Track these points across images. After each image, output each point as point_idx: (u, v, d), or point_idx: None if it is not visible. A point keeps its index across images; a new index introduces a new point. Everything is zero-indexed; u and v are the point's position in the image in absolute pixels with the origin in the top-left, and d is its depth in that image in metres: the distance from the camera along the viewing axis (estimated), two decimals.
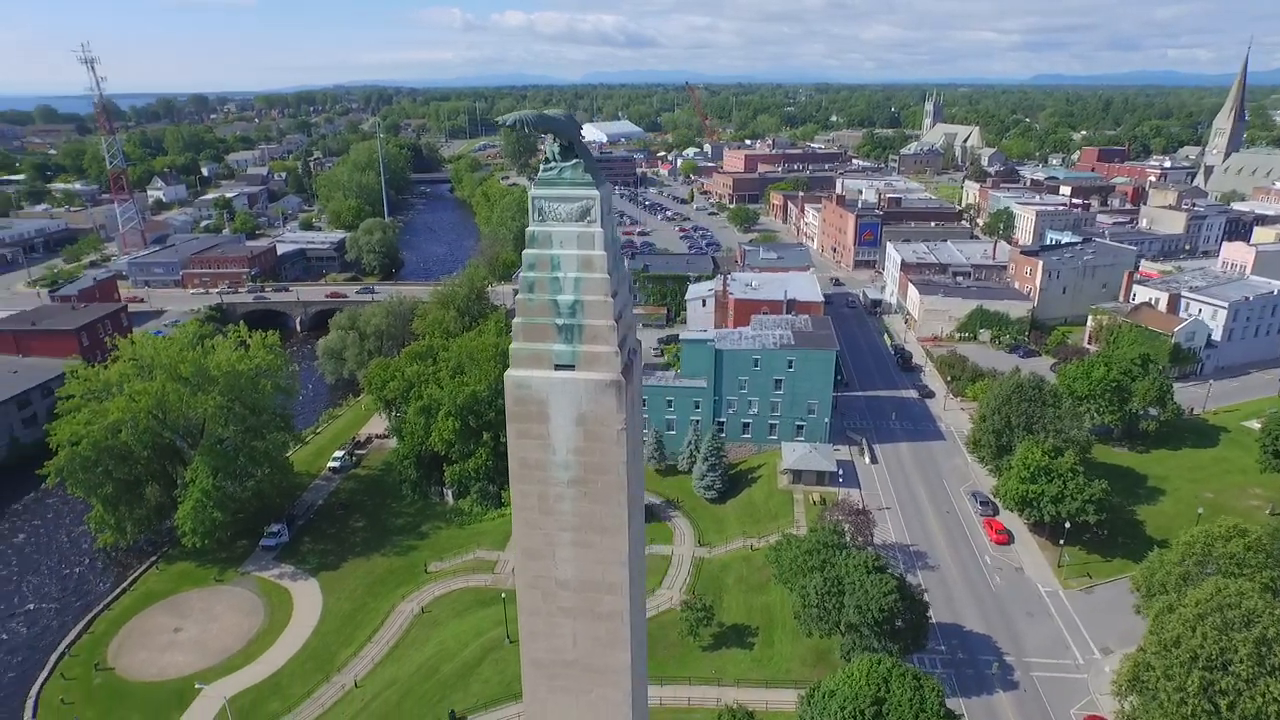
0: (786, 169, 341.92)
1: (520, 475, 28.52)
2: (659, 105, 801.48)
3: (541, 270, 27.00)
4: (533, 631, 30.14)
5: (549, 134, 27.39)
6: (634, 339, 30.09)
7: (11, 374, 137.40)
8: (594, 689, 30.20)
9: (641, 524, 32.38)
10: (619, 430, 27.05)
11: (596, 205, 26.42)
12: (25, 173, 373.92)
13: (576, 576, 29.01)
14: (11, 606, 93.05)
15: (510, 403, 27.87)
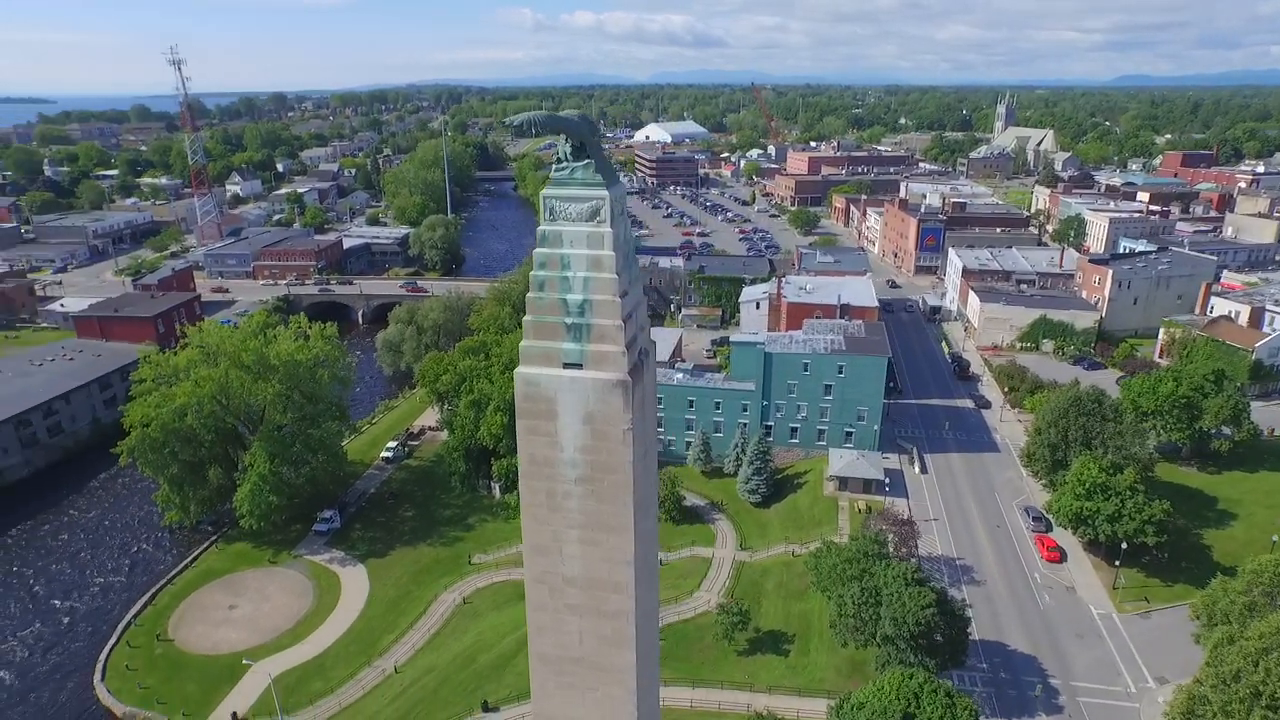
0: (850, 172, 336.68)
1: (529, 471, 28.96)
2: (725, 106, 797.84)
3: (551, 269, 27.36)
4: (540, 627, 30.57)
5: (561, 134, 27.67)
6: (646, 339, 30.21)
7: (95, 357, 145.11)
8: (600, 687, 30.45)
9: (652, 525, 32.45)
10: (625, 430, 27.22)
11: (606, 206, 26.63)
12: (119, 168, 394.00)
13: (583, 574, 29.31)
14: (87, 577, 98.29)
15: (520, 399, 28.33)
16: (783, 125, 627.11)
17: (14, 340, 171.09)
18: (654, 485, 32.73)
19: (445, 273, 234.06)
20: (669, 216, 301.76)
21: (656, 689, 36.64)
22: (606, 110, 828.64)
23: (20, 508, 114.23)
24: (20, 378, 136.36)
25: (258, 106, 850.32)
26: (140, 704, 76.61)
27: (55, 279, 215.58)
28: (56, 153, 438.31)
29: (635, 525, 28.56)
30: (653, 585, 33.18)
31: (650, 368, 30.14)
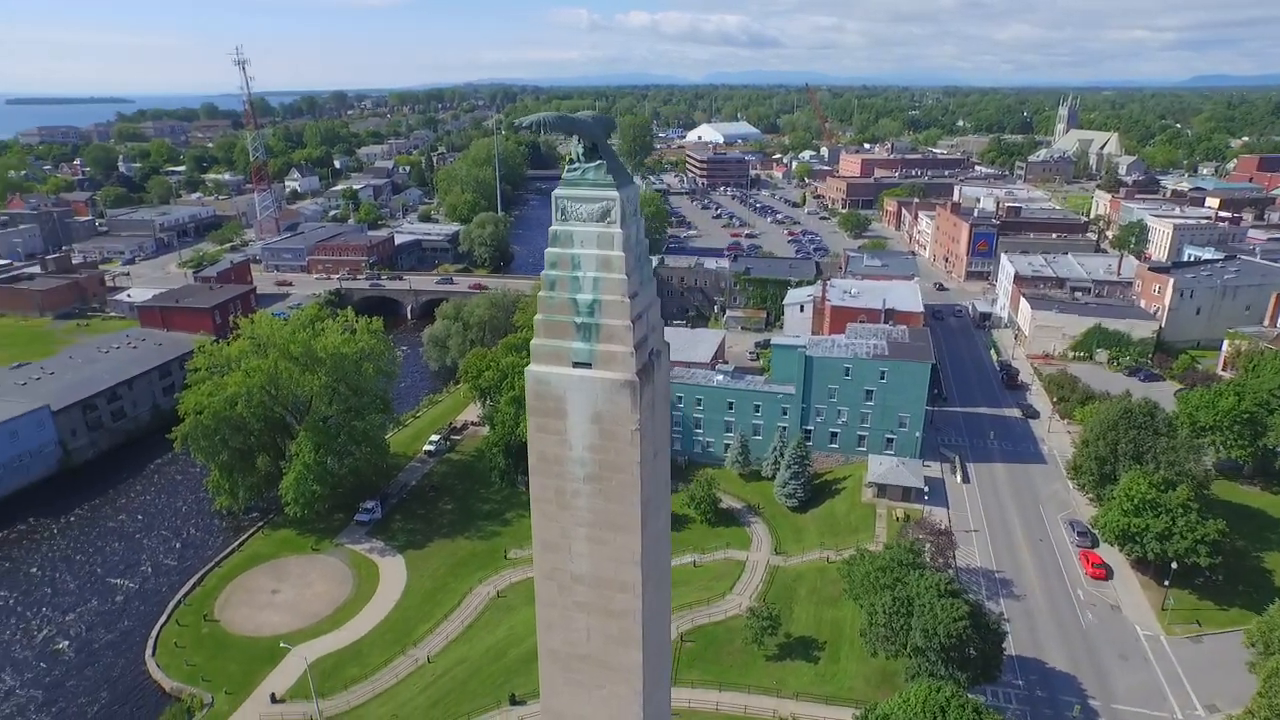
0: (904, 174, 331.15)
1: (539, 469, 29.29)
2: (778, 107, 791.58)
3: (562, 269, 27.63)
4: (549, 623, 30.89)
5: (573, 135, 27.91)
6: (658, 340, 30.29)
7: (156, 346, 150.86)
8: (607, 685, 30.63)
9: (663, 526, 32.49)
10: (633, 430, 27.35)
11: (617, 206, 26.78)
12: (186, 165, 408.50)
13: (591, 572, 29.53)
14: (141, 557, 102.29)
15: (530, 397, 28.66)
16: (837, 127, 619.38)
17: (85, 328, 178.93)
18: (665, 486, 32.80)
19: (494, 269, 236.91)
20: (718, 217, 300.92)
21: (666, 690, 36.68)
22: (660, 110, 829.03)
23: (85, 488, 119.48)
24: (88, 364, 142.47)
25: (319, 105, 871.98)
26: (187, 680, 79.46)
27: (124, 270, 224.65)
28: (130, 150, 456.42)
29: (643, 525, 28.67)
30: (663, 586, 33.27)
31: (662, 369, 30.22)
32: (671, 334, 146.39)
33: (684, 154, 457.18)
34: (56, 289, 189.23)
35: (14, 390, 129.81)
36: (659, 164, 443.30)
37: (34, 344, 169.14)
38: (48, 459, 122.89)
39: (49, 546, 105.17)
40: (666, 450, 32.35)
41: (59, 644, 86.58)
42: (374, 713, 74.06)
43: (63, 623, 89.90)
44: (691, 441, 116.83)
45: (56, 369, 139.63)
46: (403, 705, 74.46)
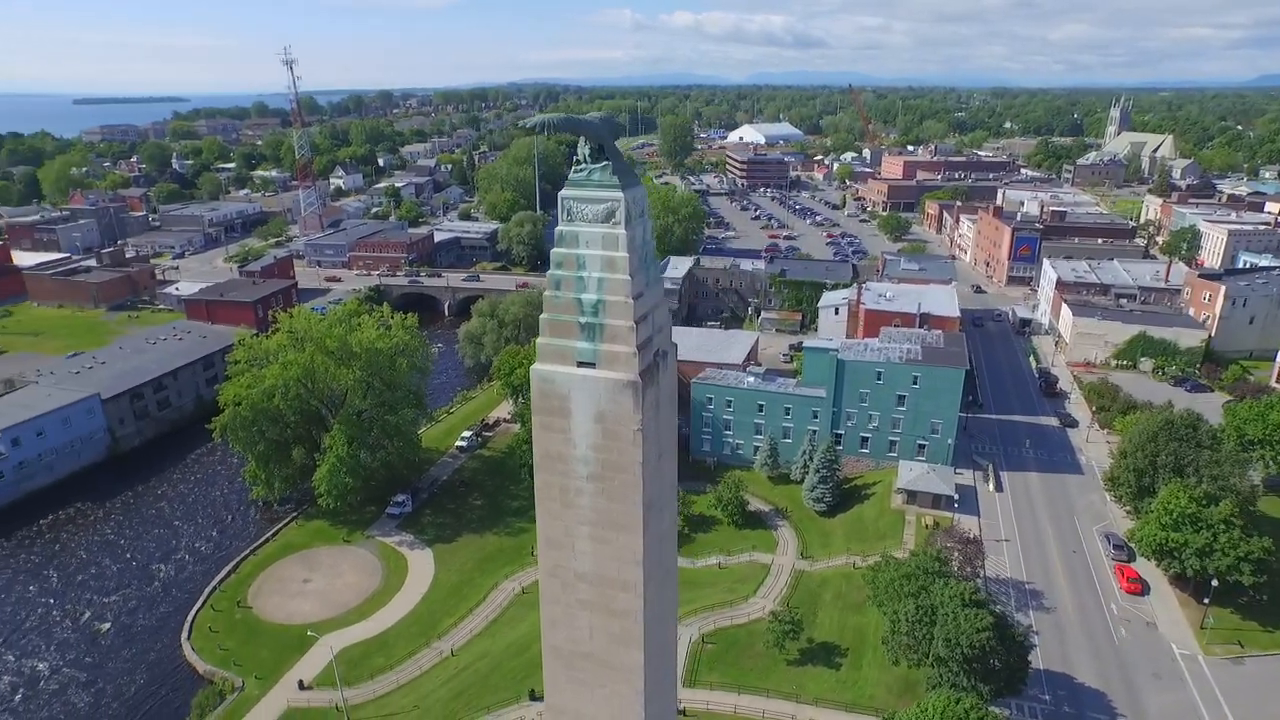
0: (947, 177, 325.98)
1: (543, 466, 29.56)
2: (821, 108, 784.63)
3: (568, 269, 27.85)
4: (552, 620, 31.16)
5: (580, 136, 28.07)
6: (664, 341, 30.34)
7: (201, 338, 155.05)
8: (608, 684, 30.79)
9: (668, 527, 32.46)
10: (635, 430, 27.45)
11: (621, 207, 26.90)
12: (236, 162, 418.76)
13: (594, 570, 29.71)
14: (180, 543, 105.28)
15: (535, 395, 28.95)
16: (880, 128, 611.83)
17: (135, 320, 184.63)
18: (670, 488, 32.83)
19: (531, 268, 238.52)
20: (756, 218, 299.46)
21: (671, 692, 36.68)
22: (702, 111, 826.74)
23: (131, 475, 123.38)
24: (136, 354, 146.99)
25: (366, 103, 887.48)
26: (219, 664, 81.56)
27: (173, 264, 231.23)
28: (184, 147, 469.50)
29: (645, 526, 28.76)
30: (667, 587, 33.29)
31: (668, 370, 30.28)
32: (704, 335, 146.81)
33: (724, 154, 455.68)
34: (110, 281, 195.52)
35: (68, 378, 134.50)
36: (699, 164, 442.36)
37: (88, 334, 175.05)
38: (97, 446, 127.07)
39: (94, 530, 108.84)
40: (672, 452, 32.36)
41: (100, 625, 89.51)
42: (397, 703, 75.25)
43: (104, 605, 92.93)
44: (721, 443, 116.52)
45: (107, 359, 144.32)
46: (425, 696, 75.52)
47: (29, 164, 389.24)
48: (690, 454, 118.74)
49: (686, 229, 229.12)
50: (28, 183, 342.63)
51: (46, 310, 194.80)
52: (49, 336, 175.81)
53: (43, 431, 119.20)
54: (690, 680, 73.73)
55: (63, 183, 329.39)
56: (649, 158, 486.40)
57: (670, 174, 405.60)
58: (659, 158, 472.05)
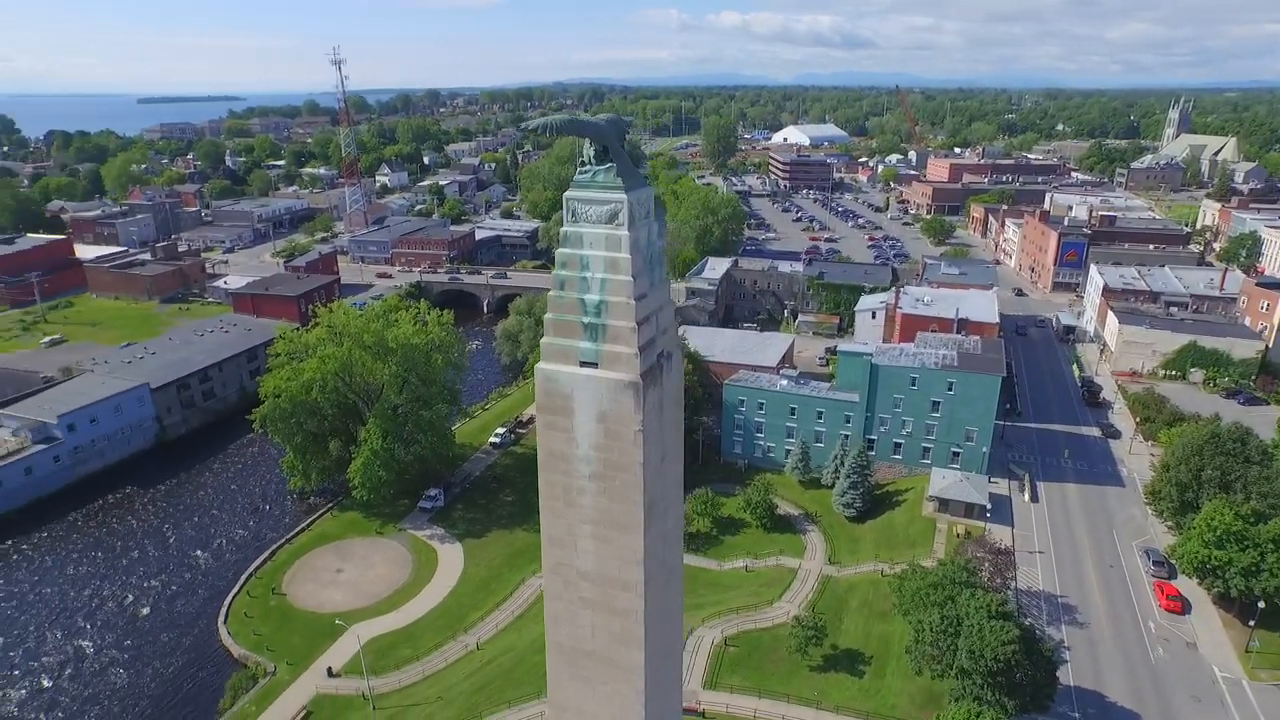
0: (993, 180, 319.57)
1: (547, 465, 29.85)
2: (868, 109, 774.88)
3: (572, 269, 28.08)
4: (555, 617, 31.44)
5: (585, 138, 28.28)
6: (669, 342, 30.37)
7: (246, 331, 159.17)
8: (610, 682, 30.97)
9: (671, 528, 32.45)
10: (636, 431, 27.58)
11: (624, 209, 27.03)
12: (286, 159, 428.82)
13: (595, 569, 29.92)
14: (219, 529, 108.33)
15: (539, 394, 29.23)
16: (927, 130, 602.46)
17: (186, 312, 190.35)
18: (676, 489, 32.85)
19: None
20: (798, 220, 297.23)
21: (675, 692, 36.69)
22: (747, 112, 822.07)
23: (175, 462, 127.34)
24: (184, 346, 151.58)
25: (413, 102, 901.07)
26: (253, 648, 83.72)
27: (223, 258, 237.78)
28: (237, 145, 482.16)
29: (646, 526, 28.88)
30: (672, 588, 33.34)
31: (673, 371, 30.33)
32: (739, 337, 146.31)
33: (768, 156, 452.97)
34: (163, 275, 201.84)
35: (120, 368, 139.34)
36: (742, 165, 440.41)
37: (142, 325, 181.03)
38: (146, 433, 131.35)
39: (140, 516, 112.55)
40: (678, 453, 32.41)
41: (142, 608, 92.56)
42: (422, 693, 76.44)
43: (147, 588, 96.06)
44: (753, 446, 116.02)
45: (157, 349, 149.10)
46: (449, 688, 76.60)
47: (94, 161, 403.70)
48: (721, 455, 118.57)
49: (726, 230, 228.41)
50: (92, 179, 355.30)
51: (104, 301, 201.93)
52: (105, 327, 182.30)
53: (96, 418, 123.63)
54: (711, 682, 73.64)
55: (123, 179, 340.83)
56: (692, 158, 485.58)
57: (713, 175, 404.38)
58: (702, 158, 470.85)
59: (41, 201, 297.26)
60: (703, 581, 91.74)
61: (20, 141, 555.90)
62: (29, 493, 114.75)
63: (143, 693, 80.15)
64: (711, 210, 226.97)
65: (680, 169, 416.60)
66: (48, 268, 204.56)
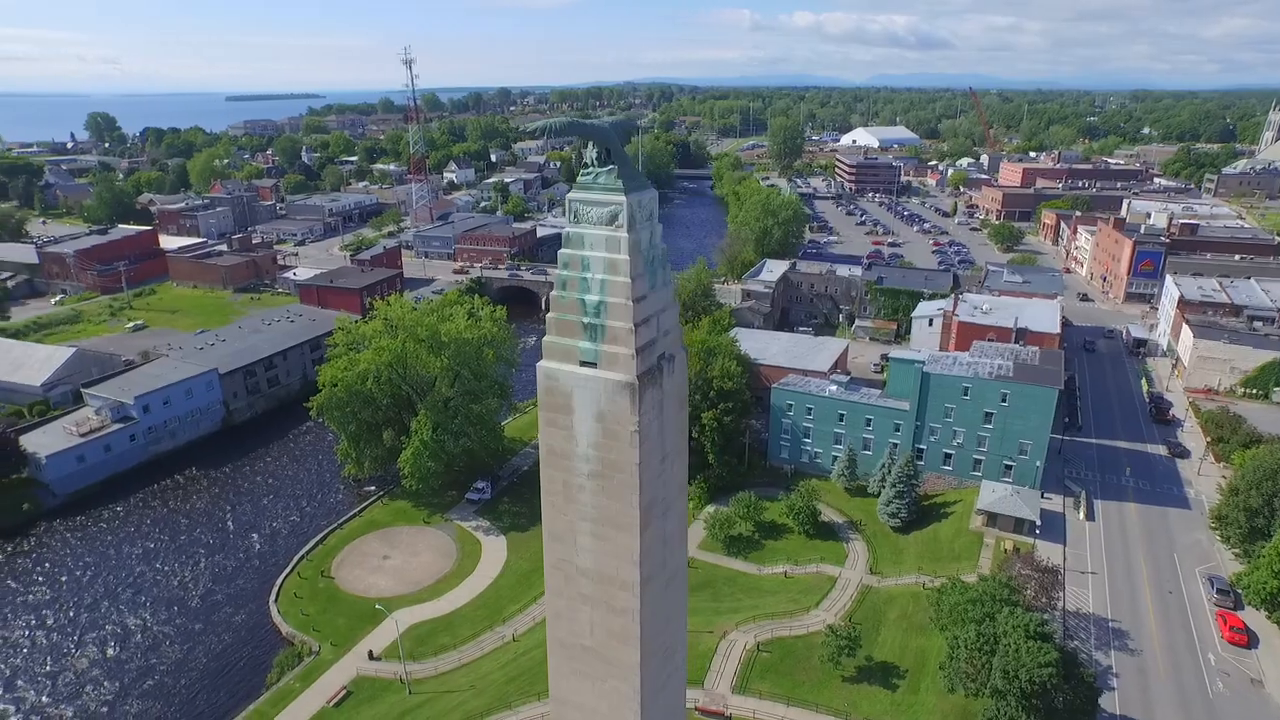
0: (1068, 186, 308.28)
1: (548, 461, 30.27)
2: (940, 111, 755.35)
3: (573, 270, 28.41)
4: (556, 612, 31.81)
5: (588, 141, 28.53)
6: (672, 344, 30.37)
7: (310, 321, 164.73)
8: (608, 680, 31.21)
9: (672, 529, 32.39)
10: (632, 432, 27.74)
11: (625, 211, 27.21)
12: (358, 155, 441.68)
13: (594, 567, 30.19)
14: (276, 512, 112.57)
15: (541, 392, 29.66)
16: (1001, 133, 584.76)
17: (256, 302, 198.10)
18: (679, 490, 32.84)
19: None
20: (862, 224, 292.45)
21: (677, 695, 36.63)
22: (816, 113, 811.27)
23: (239, 445, 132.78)
24: (252, 334, 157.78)
25: (485, 101, 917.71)
26: (300, 628, 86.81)
27: (294, 251, 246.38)
28: (313, 141, 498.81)
29: (643, 526, 29.02)
30: (673, 590, 33.35)
31: (675, 373, 30.37)
32: (791, 340, 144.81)
33: (834, 158, 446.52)
34: (237, 265, 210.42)
35: (193, 354, 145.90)
36: (808, 167, 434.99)
37: (216, 313, 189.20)
38: (214, 417, 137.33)
39: (203, 496, 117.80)
40: (680, 454, 32.43)
41: (200, 585, 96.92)
42: (456, 681, 78.06)
43: (205, 565, 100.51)
44: (799, 451, 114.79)
45: (227, 337, 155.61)
46: (483, 677, 78.03)
47: (182, 156, 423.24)
48: (767, 459, 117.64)
49: (786, 232, 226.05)
50: (179, 173, 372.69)
51: (184, 290, 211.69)
52: (183, 314, 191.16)
53: (169, 400, 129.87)
54: (740, 687, 73.23)
55: (207, 173, 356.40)
56: (757, 159, 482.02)
57: (777, 176, 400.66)
58: (767, 159, 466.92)
59: (134, 194, 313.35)
60: (741, 585, 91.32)
61: (120, 138, 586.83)
62: (108, 468, 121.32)
63: (194, 664, 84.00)
64: (772, 212, 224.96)
65: (745, 170, 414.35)
66: (135, 257, 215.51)
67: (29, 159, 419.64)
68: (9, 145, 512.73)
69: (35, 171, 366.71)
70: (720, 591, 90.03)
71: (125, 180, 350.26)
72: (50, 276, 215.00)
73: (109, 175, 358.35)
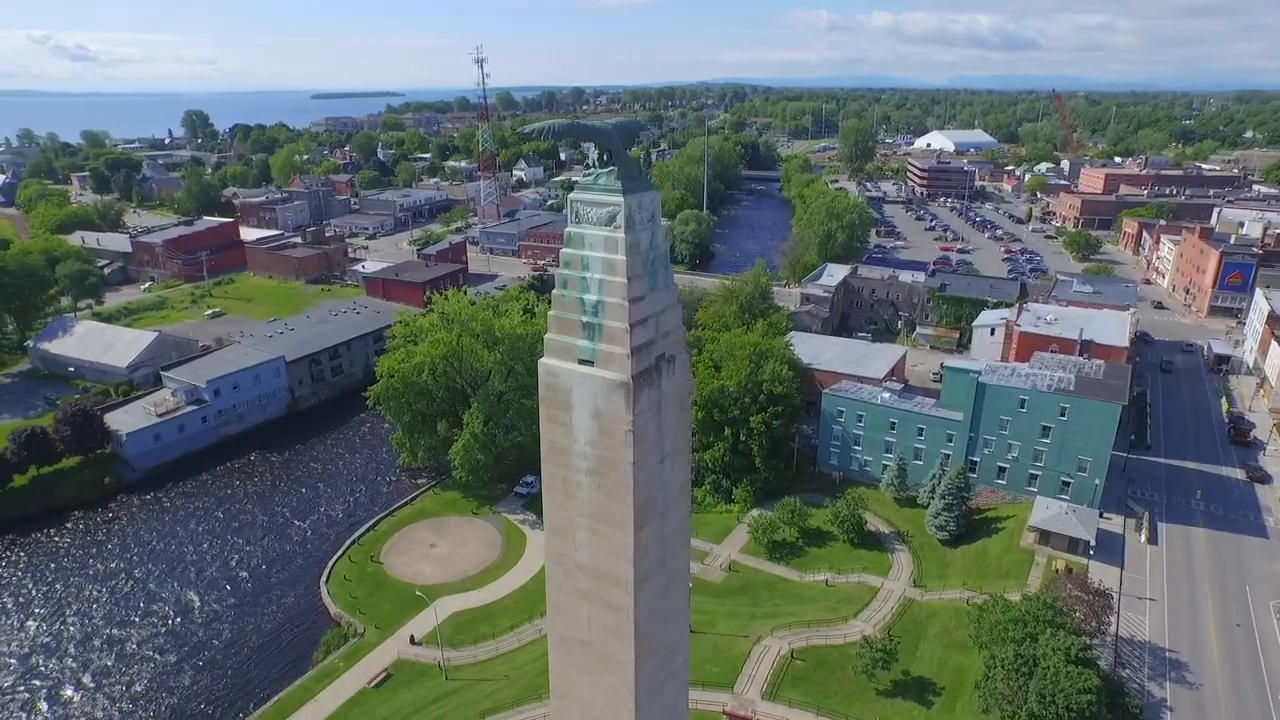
0: (1155, 192, 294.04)
1: (549, 457, 30.65)
2: (1022, 114, 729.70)
3: (574, 269, 28.72)
4: (556, 606, 32.20)
5: (590, 142, 28.75)
6: (673, 345, 30.39)
7: (375, 314, 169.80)
8: (604, 675, 31.44)
9: (671, 530, 32.30)
10: (626, 430, 27.89)
11: (622, 212, 27.36)
12: (431, 152, 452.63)
13: (591, 563, 30.46)
14: (332, 498, 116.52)
15: (542, 389, 30.09)
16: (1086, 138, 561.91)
17: (326, 293, 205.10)
18: (679, 491, 32.79)
19: (692, 267, 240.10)
20: (931, 229, 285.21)
21: (676, 697, 36.51)
22: (891, 115, 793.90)
23: (301, 431, 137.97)
24: (319, 324, 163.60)
25: (558, 100, 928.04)
26: (348, 609, 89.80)
27: (364, 244, 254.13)
28: (389, 138, 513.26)
29: (638, 525, 29.14)
30: (674, 590, 33.35)
31: (676, 374, 30.40)
32: (847, 346, 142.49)
33: (906, 161, 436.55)
34: (310, 257, 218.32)
35: (263, 341, 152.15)
36: (879, 171, 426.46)
37: (288, 303, 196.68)
38: (280, 402, 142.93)
39: (264, 477, 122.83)
40: (682, 456, 32.40)
41: (256, 564, 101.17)
42: (492, 669, 79.52)
43: (261, 545, 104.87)
44: (849, 458, 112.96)
45: (296, 326, 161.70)
46: (518, 668, 79.30)
47: (266, 151, 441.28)
48: (816, 465, 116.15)
49: (851, 236, 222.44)
50: (261, 168, 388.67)
51: (260, 280, 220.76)
52: (258, 303, 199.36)
53: (238, 385, 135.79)
54: (771, 693, 72.59)
55: (287, 168, 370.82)
56: (828, 161, 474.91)
57: (847, 179, 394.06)
58: (838, 162, 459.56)
59: (220, 188, 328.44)
60: (780, 591, 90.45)
61: (212, 134, 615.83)
62: (181, 447, 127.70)
63: (246, 639, 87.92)
64: (836, 215, 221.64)
65: (814, 172, 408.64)
66: (216, 247, 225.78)
67: (129, 154, 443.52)
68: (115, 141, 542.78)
69: (134, 166, 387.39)
70: (759, 596, 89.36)
71: (213, 174, 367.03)
72: (141, 264, 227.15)
73: (198, 169, 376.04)
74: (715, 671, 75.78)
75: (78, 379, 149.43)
